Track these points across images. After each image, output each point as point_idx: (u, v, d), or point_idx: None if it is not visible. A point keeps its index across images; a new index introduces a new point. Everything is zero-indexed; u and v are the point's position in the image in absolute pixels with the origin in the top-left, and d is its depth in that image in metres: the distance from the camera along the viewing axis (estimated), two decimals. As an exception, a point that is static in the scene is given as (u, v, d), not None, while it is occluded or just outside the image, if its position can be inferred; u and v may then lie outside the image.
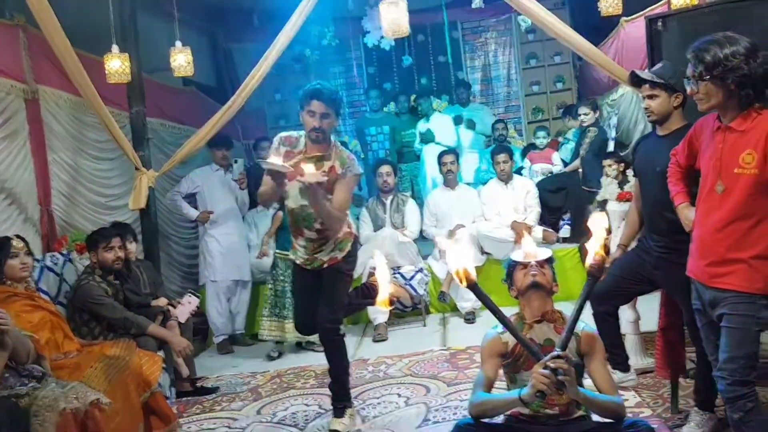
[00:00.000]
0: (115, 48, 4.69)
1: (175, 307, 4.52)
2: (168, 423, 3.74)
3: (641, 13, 5.63)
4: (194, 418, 4.20)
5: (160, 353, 4.16)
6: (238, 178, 5.85)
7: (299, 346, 5.48)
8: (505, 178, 6.26)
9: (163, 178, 5.84)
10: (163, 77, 6.46)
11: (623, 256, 3.66)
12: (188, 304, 4.57)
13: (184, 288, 5.88)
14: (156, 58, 6.24)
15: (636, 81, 3.32)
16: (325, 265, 3.68)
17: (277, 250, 5.45)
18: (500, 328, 2.56)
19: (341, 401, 3.77)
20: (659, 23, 3.68)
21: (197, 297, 4.70)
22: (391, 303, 2.56)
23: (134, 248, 4.65)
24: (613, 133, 6.70)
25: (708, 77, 2.45)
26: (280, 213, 5.50)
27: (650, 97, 3.24)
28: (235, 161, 5.87)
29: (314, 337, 4.74)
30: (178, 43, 5.15)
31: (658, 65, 3.32)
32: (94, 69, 4.70)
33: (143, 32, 5.46)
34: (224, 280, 5.74)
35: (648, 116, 3.32)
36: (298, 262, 3.77)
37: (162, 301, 4.53)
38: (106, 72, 4.69)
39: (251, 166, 7.37)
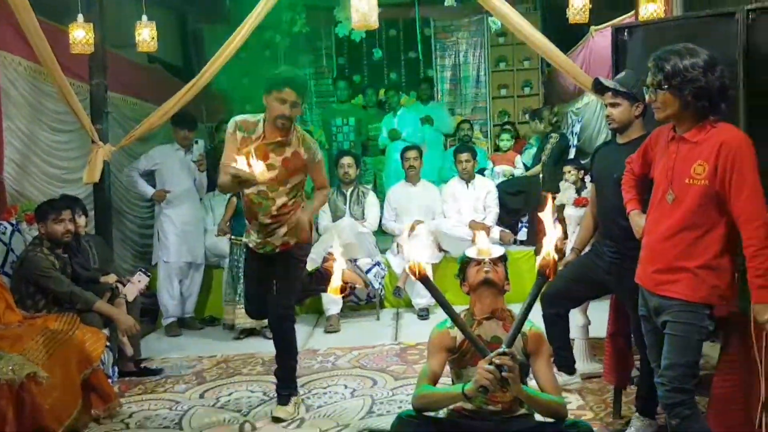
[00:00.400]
0: (80, 18, 4.59)
1: (124, 284, 4.43)
2: (108, 401, 3.68)
3: (610, 23, 5.70)
4: (136, 398, 4.13)
5: (105, 331, 4.08)
6: (197, 160, 5.77)
7: (250, 332, 5.44)
8: (467, 178, 6.30)
9: (122, 154, 5.74)
10: (129, 53, 6.35)
11: (576, 260, 3.70)
12: (138, 283, 4.49)
13: (136, 266, 5.79)
14: (123, 33, 6.11)
15: (599, 88, 3.36)
16: (277, 250, 3.66)
17: (233, 236, 5.42)
18: (449, 323, 2.57)
19: (287, 389, 3.75)
20: (625, 33, 3.74)
21: (147, 276, 4.62)
22: (343, 291, 2.54)
23: (83, 222, 4.54)
24: (575, 141, 6.80)
25: (666, 86, 2.49)
26: (234, 199, 5.46)
27: (612, 105, 3.28)
28: (196, 142, 5.79)
29: (265, 322, 4.75)
30: (144, 18, 5.06)
31: (621, 74, 3.36)
32: (57, 38, 4.59)
33: (112, 6, 5.36)
34: (177, 262, 5.67)
35: (609, 124, 3.36)
36: (251, 245, 3.73)
37: (111, 278, 4.45)
38: (70, 41, 4.59)
39: (211, 149, 7.29)
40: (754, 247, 2.38)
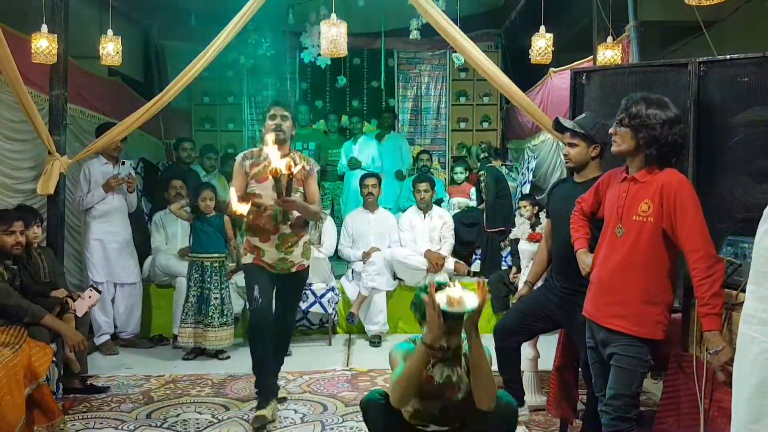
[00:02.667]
0: (44, 27, 4.54)
1: (74, 299, 4.34)
2: (52, 418, 3.58)
3: (569, 65, 5.89)
4: (80, 416, 4.04)
5: (52, 346, 3.98)
6: (127, 180, 5.58)
7: (201, 352, 5.41)
8: (424, 208, 6.38)
9: (75, 167, 5.64)
10: (89, 64, 6.28)
11: (529, 294, 3.78)
12: (88, 299, 4.39)
13: (82, 281, 5.67)
14: (85, 43, 6.05)
15: (559, 128, 3.48)
16: (294, 269, 4.02)
17: (193, 254, 5.44)
18: (410, 344, 2.66)
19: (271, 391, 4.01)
20: (583, 77, 3.86)
21: (98, 292, 4.53)
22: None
23: (39, 234, 4.44)
24: (530, 177, 6.96)
25: (626, 124, 2.70)
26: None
27: (570, 145, 3.40)
28: (123, 162, 5.61)
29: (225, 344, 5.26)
30: (110, 32, 5.03)
31: (581, 116, 3.48)
32: (18, 46, 4.52)
33: (74, 16, 5.29)
34: (103, 281, 5.49)
35: (566, 162, 3.48)
36: (268, 261, 3.97)
37: (61, 293, 4.34)
38: (32, 51, 4.53)
39: (167, 167, 7.19)
40: (697, 277, 2.54)
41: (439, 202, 7.11)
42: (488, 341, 3.54)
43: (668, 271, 2.69)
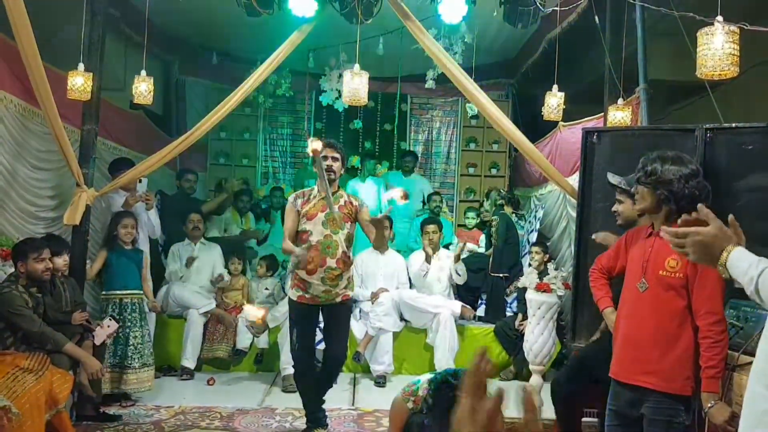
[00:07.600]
0: (81, 66, 4.74)
1: (93, 329, 4.46)
2: (69, 445, 3.69)
3: (578, 121, 6.08)
4: (94, 443, 4.14)
5: (70, 372, 4.09)
6: (145, 197, 5.55)
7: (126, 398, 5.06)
8: (433, 249, 6.49)
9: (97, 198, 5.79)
10: (111, 96, 6.45)
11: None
12: (107, 328, 4.52)
13: (95, 309, 5.75)
14: (108, 76, 6.24)
15: (608, 183, 3.59)
16: (339, 299, 4.25)
17: (107, 291, 5.12)
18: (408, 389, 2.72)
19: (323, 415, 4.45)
20: (595, 137, 4.03)
21: (117, 322, 4.66)
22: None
23: (66, 262, 4.57)
24: (537, 225, 7.10)
25: (644, 183, 2.82)
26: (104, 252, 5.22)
27: (618, 201, 3.52)
28: (140, 181, 5.54)
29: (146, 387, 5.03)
30: (143, 72, 5.23)
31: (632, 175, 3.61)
32: (52, 81, 4.71)
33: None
34: None
35: (616, 219, 3.54)
36: (313, 294, 4.20)
37: (80, 316, 4.46)
38: (68, 87, 4.72)
39: (173, 195, 7.22)
40: (710, 339, 2.61)
41: (447, 246, 7.23)
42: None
43: (695, 328, 2.70)
